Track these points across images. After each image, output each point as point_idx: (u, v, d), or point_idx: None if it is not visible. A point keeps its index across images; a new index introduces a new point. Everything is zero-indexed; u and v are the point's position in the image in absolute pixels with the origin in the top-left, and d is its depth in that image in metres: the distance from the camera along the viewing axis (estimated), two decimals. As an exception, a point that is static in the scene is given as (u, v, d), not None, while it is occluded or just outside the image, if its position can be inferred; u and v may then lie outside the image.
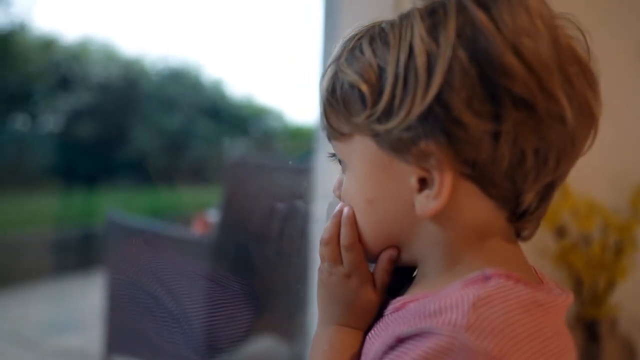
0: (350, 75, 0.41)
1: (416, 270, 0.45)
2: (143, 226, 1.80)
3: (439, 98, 0.36)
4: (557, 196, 1.21)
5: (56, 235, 2.72)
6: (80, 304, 2.36)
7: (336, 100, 0.42)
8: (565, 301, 0.39)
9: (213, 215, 1.96)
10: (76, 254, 2.59)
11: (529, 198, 0.39)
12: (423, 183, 0.39)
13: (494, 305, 0.34)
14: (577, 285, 1.30)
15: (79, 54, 3.47)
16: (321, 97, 0.44)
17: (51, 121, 3.23)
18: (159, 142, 3.58)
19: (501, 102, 0.36)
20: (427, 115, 0.37)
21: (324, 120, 0.44)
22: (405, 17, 0.40)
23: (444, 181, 0.38)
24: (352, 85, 0.41)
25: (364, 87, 0.40)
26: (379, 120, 0.39)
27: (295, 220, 0.97)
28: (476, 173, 0.38)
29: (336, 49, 0.44)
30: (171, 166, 3.52)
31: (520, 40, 0.35)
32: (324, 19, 1.10)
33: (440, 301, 0.35)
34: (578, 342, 1.28)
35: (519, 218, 0.40)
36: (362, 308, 0.46)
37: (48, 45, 3.16)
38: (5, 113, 2.85)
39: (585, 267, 1.28)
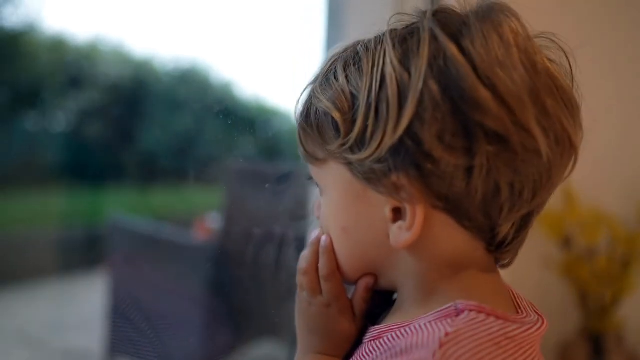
0: (324, 102, 0.40)
1: (395, 294, 0.45)
2: (144, 230, 1.80)
3: (409, 131, 0.35)
4: (563, 206, 1.19)
5: (63, 234, 2.74)
6: (85, 304, 2.37)
7: (310, 125, 0.42)
8: (540, 329, 0.38)
9: (214, 220, 1.96)
10: (82, 253, 2.61)
11: (504, 229, 0.38)
12: (397, 212, 0.39)
13: (463, 342, 0.33)
14: (583, 298, 1.28)
15: (89, 54, 3.49)
16: (296, 121, 0.43)
17: (60, 121, 3.25)
18: (167, 142, 3.59)
19: (474, 136, 0.34)
20: (398, 148, 0.36)
21: (300, 143, 0.44)
22: (379, 42, 0.39)
23: (416, 214, 0.37)
24: (326, 113, 0.40)
25: (337, 116, 0.39)
26: (352, 149, 0.39)
27: (296, 231, 0.97)
28: (449, 206, 0.37)
29: (315, 71, 0.43)
30: (179, 166, 3.53)
31: (493, 72, 0.34)
32: (327, 21, 1.09)
33: (410, 338, 0.35)
34: (584, 356, 1.26)
35: (497, 248, 0.40)
36: (340, 337, 0.45)
37: (58, 45, 3.19)
38: (15, 112, 2.87)
39: (591, 280, 1.26)
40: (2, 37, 2.77)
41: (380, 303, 0.46)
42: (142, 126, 3.50)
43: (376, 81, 0.37)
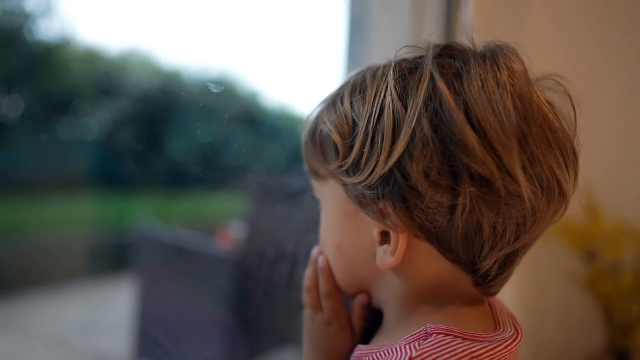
0: (328, 125, 0.42)
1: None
2: (170, 239, 1.84)
3: (399, 164, 0.37)
4: (587, 219, 1.17)
5: (93, 239, 2.82)
6: (113, 308, 2.43)
7: (314, 144, 0.44)
8: (513, 343, 0.39)
9: (237, 229, 1.99)
10: (111, 258, 2.68)
11: (486, 265, 0.39)
12: (385, 236, 0.40)
13: None
14: (608, 314, 1.26)
15: (121, 65, 3.60)
16: (303, 136, 0.45)
17: (92, 129, 3.35)
18: (194, 151, 3.66)
19: (459, 177, 0.35)
20: (388, 178, 0.38)
21: (305, 159, 0.46)
22: (384, 72, 0.41)
23: (399, 241, 0.39)
24: (329, 135, 0.42)
25: (337, 139, 0.41)
26: (348, 172, 0.41)
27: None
28: (432, 237, 0.38)
29: (328, 92, 0.45)
30: (205, 174, 3.58)
31: (485, 117, 0.35)
32: (349, 34, 1.11)
33: None
34: (608, 373, 1.23)
35: (482, 282, 0.41)
36: (341, 353, 0.47)
37: (92, 57, 3.29)
38: (50, 121, 2.98)
39: (616, 295, 1.23)
40: (39, 49, 2.88)
41: (379, 321, 0.47)
42: (170, 135, 3.58)
43: (376, 112, 0.39)
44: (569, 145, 0.39)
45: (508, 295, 1.11)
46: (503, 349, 0.38)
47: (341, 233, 0.45)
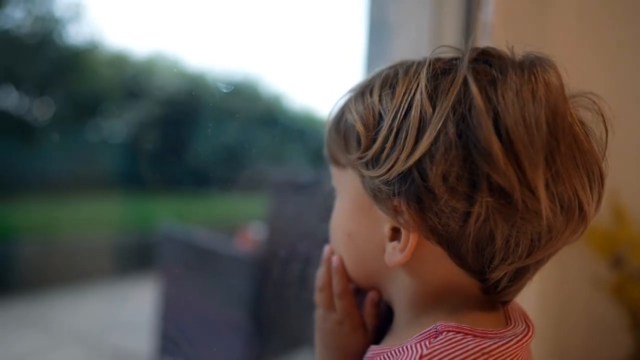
0: (354, 115, 0.42)
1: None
2: (192, 239, 1.87)
3: (419, 164, 0.36)
4: (612, 224, 1.14)
5: (118, 239, 2.88)
6: (136, 306, 2.47)
7: (338, 131, 0.44)
8: (524, 338, 0.39)
9: (257, 230, 2.00)
10: (135, 257, 2.73)
11: (495, 276, 0.39)
12: (396, 232, 0.40)
13: None
14: (635, 320, 1.22)
15: (148, 69, 3.66)
16: (328, 122, 0.45)
17: (119, 131, 3.43)
18: (218, 153, 3.70)
19: (477, 185, 0.35)
20: (405, 177, 0.37)
21: (326, 145, 0.45)
22: (417, 70, 0.40)
23: (409, 240, 0.39)
24: (353, 125, 0.42)
25: (361, 130, 0.41)
26: (367, 165, 0.40)
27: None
28: (442, 241, 0.38)
29: (358, 81, 0.44)
30: (229, 175, 3.62)
31: (515, 128, 0.34)
32: (369, 36, 1.11)
33: None
34: (635, 382, 1.20)
35: (491, 291, 0.41)
36: (353, 353, 0.47)
37: (119, 60, 3.36)
38: (78, 123, 3.06)
39: (643, 302, 1.20)
40: (68, 53, 2.96)
41: (391, 319, 0.47)
42: (194, 137, 3.63)
43: (403, 108, 0.38)
44: (597, 168, 0.38)
45: (531, 301, 1.09)
46: (514, 344, 0.37)
47: (353, 223, 0.44)
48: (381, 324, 0.48)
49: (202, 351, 1.81)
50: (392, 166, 0.38)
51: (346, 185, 0.45)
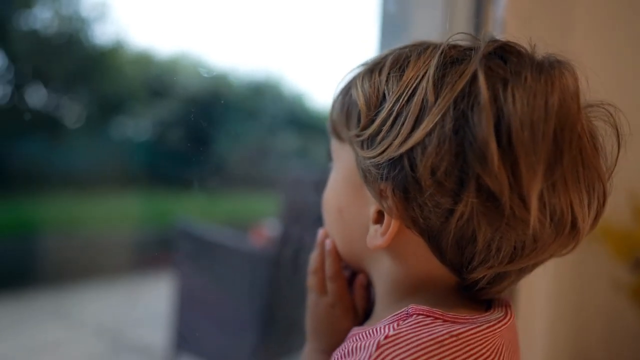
0: (359, 91, 0.41)
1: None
2: (208, 235, 1.89)
3: (411, 153, 0.35)
4: (632, 224, 1.10)
5: (139, 234, 2.94)
6: (154, 301, 2.52)
7: (342, 105, 0.44)
8: (497, 324, 0.38)
9: (271, 226, 2.01)
10: (155, 252, 2.78)
11: (474, 277, 0.38)
12: (380, 216, 0.39)
13: (401, 343, 0.34)
14: (655, 326, 1.18)
15: (172, 68, 3.73)
16: (335, 93, 0.45)
17: (143, 129, 3.49)
18: (240, 151, 3.75)
19: (465, 184, 0.34)
20: (396, 163, 0.36)
21: (330, 115, 0.45)
22: (430, 55, 0.38)
23: (390, 226, 0.38)
24: (356, 102, 0.41)
25: (363, 109, 0.40)
26: (362, 144, 0.40)
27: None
28: (424, 233, 0.37)
29: (372, 56, 0.44)
30: (249, 174, 3.66)
31: (520, 132, 0.32)
32: (381, 30, 1.11)
33: (360, 340, 0.36)
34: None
35: (469, 288, 0.40)
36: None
37: (144, 60, 3.43)
38: (104, 121, 3.13)
39: (665, 306, 1.16)
40: (94, 53, 3.04)
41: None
42: (216, 135, 3.68)
43: (407, 93, 0.37)
44: (600, 186, 0.36)
45: (547, 304, 1.06)
46: (485, 329, 0.36)
47: (344, 199, 0.44)
48: (370, 308, 0.47)
49: (216, 346, 1.83)
50: (385, 150, 0.37)
51: (343, 160, 0.44)
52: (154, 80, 3.52)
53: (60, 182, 2.37)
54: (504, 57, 0.36)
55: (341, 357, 0.36)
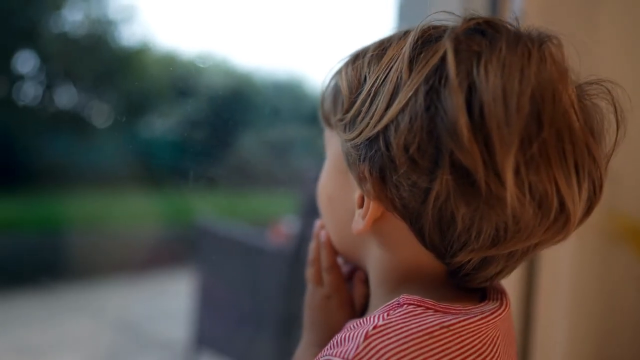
0: (343, 76, 0.41)
1: None
2: (228, 233, 1.91)
3: (385, 132, 0.35)
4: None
5: (163, 232, 2.99)
6: (175, 297, 2.55)
7: (330, 91, 0.44)
8: (490, 315, 0.37)
9: (289, 224, 2.01)
10: (177, 250, 2.82)
11: (458, 261, 0.36)
12: (363, 200, 0.39)
13: (389, 334, 0.33)
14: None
15: (197, 68, 3.78)
16: (326, 78, 0.45)
17: (168, 128, 3.55)
18: (261, 149, 3.78)
19: (439, 161, 0.33)
20: (372, 143, 0.36)
21: (321, 104, 0.45)
22: (406, 35, 0.38)
23: (369, 209, 0.38)
24: (340, 86, 0.41)
25: (345, 93, 0.40)
26: (344, 127, 0.40)
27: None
28: (405, 216, 0.36)
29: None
30: (272, 172, 3.69)
31: (490, 103, 0.31)
32: (399, 19, 1.10)
33: (349, 331, 0.35)
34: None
35: (455, 273, 0.38)
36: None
37: (169, 60, 3.49)
38: (130, 121, 3.20)
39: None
40: (121, 54, 3.11)
41: None
42: (240, 134, 3.71)
43: (383, 73, 0.37)
44: (594, 167, 0.35)
45: (572, 304, 1.03)
46: (477, 320, 0.36)
47: (333, 185, 0.44)
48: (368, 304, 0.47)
49: (236, 343, 1.85)
50: (363, 131, 0.37)
51: (332, 147, 0.45)
52: (179, 80, 3.58)
53: (88, 180, 2.44)
54: (484, 32, 0.35)
55: (330, 347, 0.35)
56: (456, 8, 0.93)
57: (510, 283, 0.91)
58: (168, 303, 2.60)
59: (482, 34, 0.35)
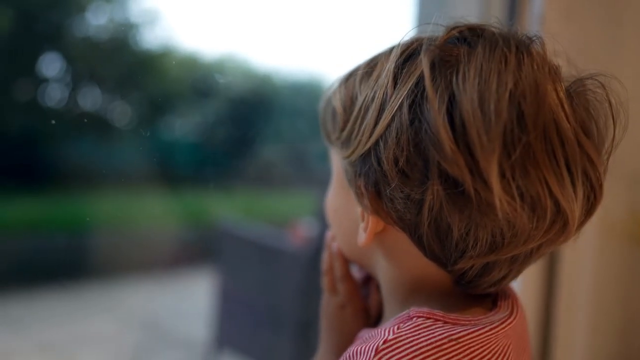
0: (338, 96, 0.42)
1: None
2: (248, 233, 1.92)
3: (376, 147, 0.36)
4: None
5: (185, 232, 3.03)
6: (196, 296, 2.58)
7: (327, 110, 0.44)
8: (500, 325, 0.37)
9: (308, 226, 2.02)
10: (198, 250, 2.86)
11: (459, 268, 0.36)
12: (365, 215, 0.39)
13: (400, 347, 0.33)
14: None
15: (218, 70, 3.82)
16: (323, 98, 0.45)
17: (189, 129, 3.60)
18: (282, 150, 3.80)
19: (428, 172, 0.33)
20: (366, 159, 0.37)
21: (321, 121, 0.46)
22: (389, 53, 0.39)
23: (369, 222, 0.38)
24: (336, 107, 0.42)
25: (340, 111, 0.41)
26: (341, 145, 0.41)
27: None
28: (404, 228, 0.37)
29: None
30: (291, 172, 3.71)
31: (469, 112, 0.32)
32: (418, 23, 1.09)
33: (360, 345, 0.35)
34: None
35: (458, 280, 0.38)
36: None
37: (191, 62, 3.53)
38: (152, 122, 3.25)
39: None
40: (143, 56, 3.16)
41: None
42: (259, 135, 3.74)
43: (372, 91, 0.38)
44: (590, 166, 0.34)
45: (596, 309, 1.02)
46: (487, 331, 0.36)
47: (338, 200, 0.45)
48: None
49: (256, 343, 1.86)
50: (356, 148, 0.37)
51: (335, 164, 0.45)
52: (200, 82, 3.62)
53: (111, 180, 2.48)
54: (465, 39, 0.35)
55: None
56: (475, 10, 0.93)
57: (530, 286, 0.90)
58: (189, 302, 2.64)
59: (464, 42, 0.35)
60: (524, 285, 0.91)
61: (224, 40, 3.62)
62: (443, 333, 0.34)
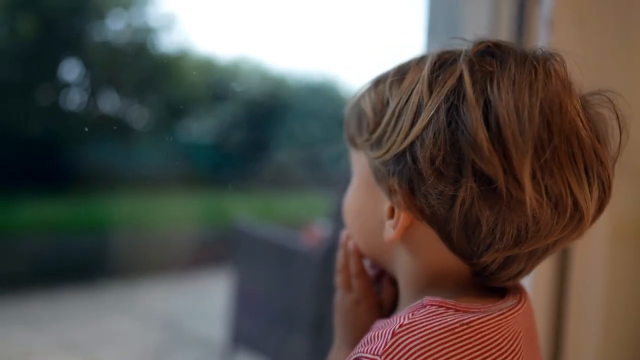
0: (367, 100, 0.45)
1: None
2: (263, 235, 1.95)
3: (412, 147, 0.39)
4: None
5: (202, 233, 3.07)
6: (213, 296, 2.62)
7: (354, 114, 0.48)
8: (508, 312, 0.40)
9: (322, 227, 2.04)
10: (215, 251, 2.89)
11: (484, 261, 0.40)
12: (393, 210, 0.42)
13: (414, 331, 0.36)
14: None
15: (234, 73, 3.87)
16: (349, 103, 0.48)
17: (206, 132, 3.64)
18: (298, 151, 3.82)
19: (462, 170, 0.37)
20: (400, 159, 0.40)
21: (345, 126, 0.49)
22: (426, 61, 0.42)
23: (400, 219, 0.41)
24: (365, 109, 0.45)
25: (370, 115, 0.44)
26: (371, 147, 0.44)
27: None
28: (433, 223, 0.40)
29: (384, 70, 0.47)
30: (306, 175, 3.73)
31: (505, 116, 0.35)
32: (428, 33, 1.11)
33: (377, 330, 0.38)
34: None
35: (480, 272, 0.42)
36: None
37: (206, 65, 3.58)
38: (169, 125, 3.30)
39: None
40: (160, 60, 3.21)
41: None
42: (275, 137, 3.77)
43: (405, 96, 0.41)
44: (602, 170, 0.38)
45: (609, 307, 1.02)
46: (496, 316, 0.39)
47: (361, 200, 0.48)
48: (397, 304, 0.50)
49: (272, 343, 1.89)
50: (390, 148, 0.40)
51: (358, 164, 0.48)
52: (216, 85, 3.66)
53: (130, 182, 2.53)
54: (492, 53, 0.39)
55: (361, 345, 0.38)
56: (484, 14, 0.95)
57: (542, 285, 0.91)
58: (207, 302, 2.67)
59: (492, 55, 0.39)
60: (536, 283, 0.92)
61: (239, 43, 3.65)
62: (455, 319, 0.37)
